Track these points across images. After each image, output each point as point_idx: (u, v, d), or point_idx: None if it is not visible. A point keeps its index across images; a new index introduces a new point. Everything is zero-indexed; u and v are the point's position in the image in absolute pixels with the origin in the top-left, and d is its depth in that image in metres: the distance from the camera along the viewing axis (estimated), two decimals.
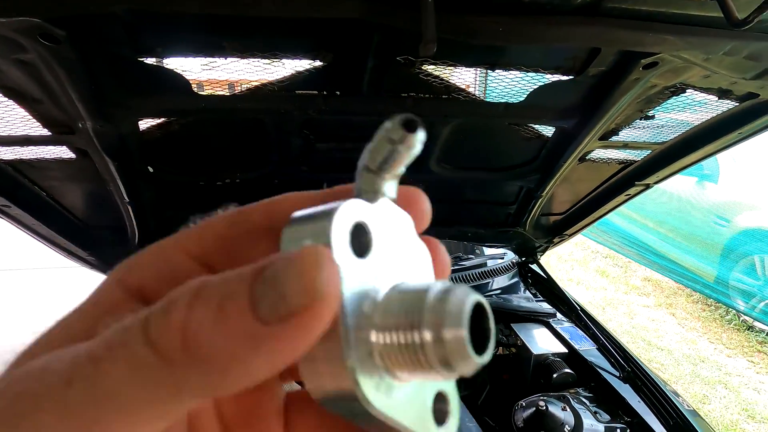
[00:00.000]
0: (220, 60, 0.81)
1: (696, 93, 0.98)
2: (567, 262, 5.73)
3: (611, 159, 1.39)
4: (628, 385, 1.44)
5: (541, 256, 2.10)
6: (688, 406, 1.38)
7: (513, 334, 1.74)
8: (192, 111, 0.99)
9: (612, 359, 1.54)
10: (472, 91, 1.02)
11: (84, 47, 0.74)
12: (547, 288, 2.04)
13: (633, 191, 1.49)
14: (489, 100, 1.06)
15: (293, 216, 0.18)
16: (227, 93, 0.95)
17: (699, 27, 0.77)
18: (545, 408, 1.34)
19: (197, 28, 0.81)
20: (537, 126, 1.22)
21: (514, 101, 1.06)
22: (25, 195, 1.22)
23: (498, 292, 2.02)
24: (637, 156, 1.36)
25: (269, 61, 0.82)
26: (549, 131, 1.26)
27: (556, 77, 0.96)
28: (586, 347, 1.64)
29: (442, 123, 1.12)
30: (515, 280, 2.14)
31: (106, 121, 0.92)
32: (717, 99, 0.99)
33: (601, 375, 1.50)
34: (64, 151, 1.10)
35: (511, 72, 0.95)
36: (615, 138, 1.20)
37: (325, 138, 1.16)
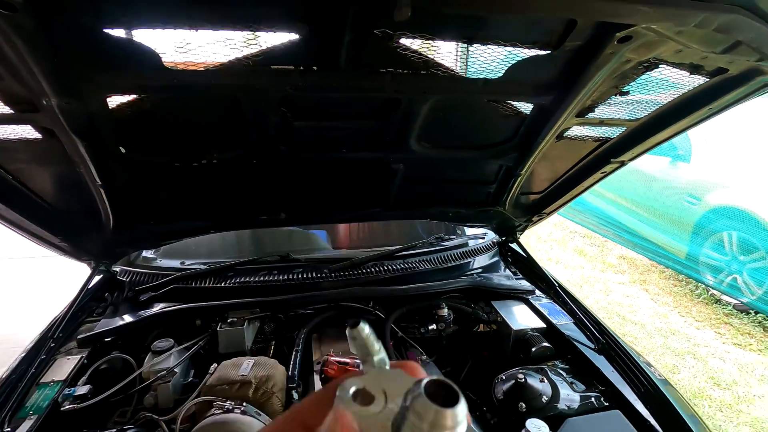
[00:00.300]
0: (191, 33, 0.77)
1: (668, 68, 0.99)
2: (546, 242, 5.86)
3: (588, 136, 1.40)
4: (602, 357, 1.49)
5: (521, 235, 2.14)
6: (659, 375, 1.45)
7: (494, 311, 1.78)
8: (163, 87, 0.94)
9: (588, 332, 1.59)
10: (451, 67, 1.01)
11: (43, 15, 0.70)
12: (527, 266, 2.08)
13: (608, 168, 1.51)
14: (469, 76, 1.06)
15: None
16: (200, 68, 0.90)
17: None
18: (524, 380, 1.38)
19: None
20: (516, 103, 1.22)
21: (492, 77, 1.05)
22: None
23: (479, 271, 2.06)
24: (613, 133, 1.38)
25: (242, 34, 0.79)
26: (527, 108, 1.26)
27: (533, 52, 0.96)
28: (563, 322, 1.70)
29: (421, 100, 1.10)
30: (496, 259, 2.17)
31: (71, 98, 0.87)
32: (689, 74, 1.01)
33: (578, 348, 1.55)
34: (29, 131, 1.04)
35: (490, 47, 0.94)
36: (591, 115, 1.22)
37: (303, 116, 1.13)
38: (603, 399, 1.37)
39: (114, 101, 0.98)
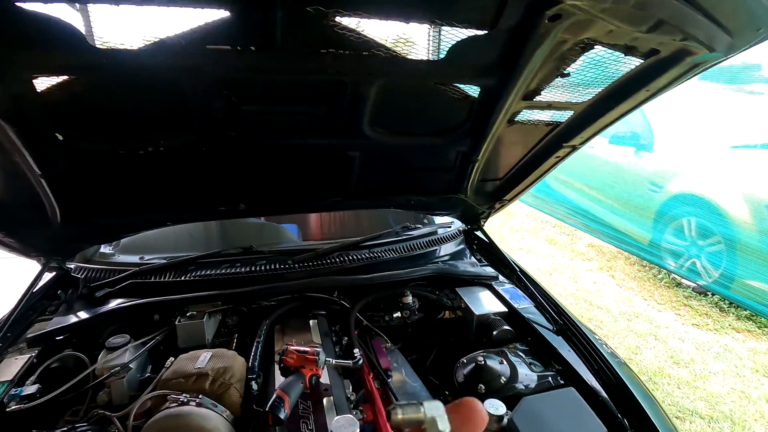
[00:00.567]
0: (113, 8, 0.74)
1: (605, 50, 1.02)
2: (518, 232, 5.97)
3: (539, 121, 1.43)
4: (560, 337, 1.53)
5: (485, 222, 2.17)
6: (615, 356, 1.50)
7: (458, 298, 1.80)
8: (92, 67, 0.90)
9: (547, 314, 1.63)
10: (393, 48, 1.01)
11: None
12: (491, 253, 2.11)
13: (562, 153, 1.55)
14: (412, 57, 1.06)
15: None
16: (132, 49, 0.87)
17: None
18: (483, 362, 1.40)
19: None
20: (464, 87, 1.23)
21: (435, 59, 1.06)
22: None
23: (446, 258, 2.08)
24: (561, 117, 1.41)
25: (170, 10, 0.77)
26: (476, 92, 1.28)
27: (472, 32, 0.97)
28: (524, 305, 1.73)
29: (367, 82, 1.10)
30: (461, 247, 2.20)
31: None
32: (624, 56, 1.05)
33: (537, 330, 1.59)
34: None
35: (426, 26, 0.94)
36: (538, 98, 1.24)
37: (251, 100, 1.10)
38: (559, 378, 1.41)
39: (42, 84, 0.93)
